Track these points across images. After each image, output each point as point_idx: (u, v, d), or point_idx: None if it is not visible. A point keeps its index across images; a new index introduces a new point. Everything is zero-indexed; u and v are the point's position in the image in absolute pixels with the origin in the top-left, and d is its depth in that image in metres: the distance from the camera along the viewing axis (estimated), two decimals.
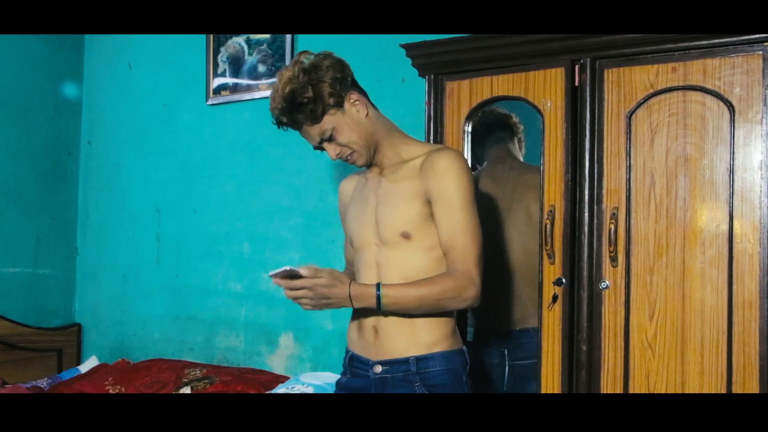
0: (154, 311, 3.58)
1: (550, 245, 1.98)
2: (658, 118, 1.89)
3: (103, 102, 3.82)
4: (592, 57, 1.95)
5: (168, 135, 3.57)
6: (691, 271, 1.85)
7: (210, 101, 3.42)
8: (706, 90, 1.83)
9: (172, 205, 3.55)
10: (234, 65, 3.36)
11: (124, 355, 3.55)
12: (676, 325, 1.86)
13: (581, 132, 1.96)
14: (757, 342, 1.76)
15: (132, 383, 3.00)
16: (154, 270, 3.60)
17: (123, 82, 3.75)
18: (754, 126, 1.78)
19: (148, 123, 3.65)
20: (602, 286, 1.93)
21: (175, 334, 3.52)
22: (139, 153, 3.67)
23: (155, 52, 3.62)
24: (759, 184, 1.78)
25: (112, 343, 3.70)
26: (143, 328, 3.61)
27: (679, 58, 1.86)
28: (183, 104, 3.53)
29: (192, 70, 3.48)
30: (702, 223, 1.84)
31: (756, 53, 1.77)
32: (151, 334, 3.59)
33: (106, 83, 3.82)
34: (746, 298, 1.78)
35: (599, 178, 1.95)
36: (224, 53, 3.39)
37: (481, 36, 2.09)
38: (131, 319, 3.66)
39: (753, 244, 1.78)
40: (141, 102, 3.68)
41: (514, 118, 2.37)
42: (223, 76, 3.40)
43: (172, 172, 3.53)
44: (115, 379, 3.06)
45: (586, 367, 1.94)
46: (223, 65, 3.39)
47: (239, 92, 3.33)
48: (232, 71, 3.36)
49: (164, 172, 3.56)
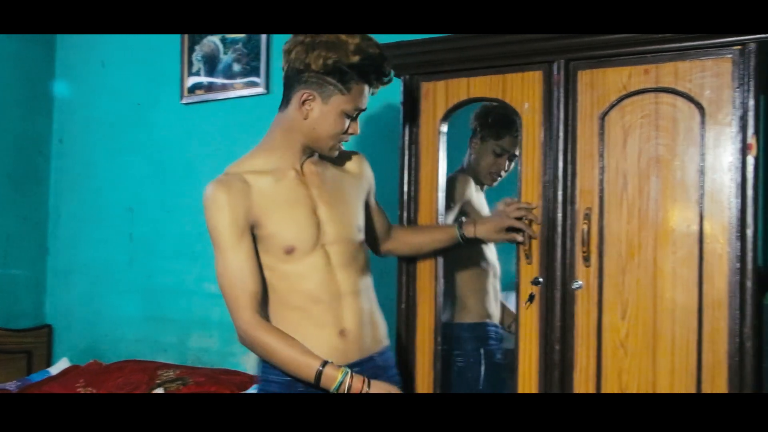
0: (126, 312, 3.55)
1: (528, 245, 2.00)
2: (631, 119, 1.91)
3: (76, 100, 3.78)
4: (566, 59, 1.96)
5: (142, 134, 3.54)
6: (663, 271, 1.87)
7: (184, 100, 3.40)
8: (678, 92, 1.85)
9: (145, 204, 3.52)
10: (209, 64, 3.34)
11: (95, 356, 3.50)
12: (647, 325, 1.88)
13: (555, 133, 1.98)
14: (726, 341, 1.79)
15: (104, 385, 2.96)
16: (126, 270, 3.57)
17: (96, 80, 3.71)
18: (723, 128, 1.81)
19: (122, 122, 3.61)
20: (575, 286, 1.95)
21: (148, 334, 3.49)
22: (112, 152, 3.63)
23: (129, 51, 3.59)
24: (728, 185, 1.80)
25: (83, 345, 3.66)
26: (116, 329, 3.58)
27: (651, 61, 1.88)
28: (157, 103, 3.50)
29: (166, 68, 3.46)
30: (673, 223, 1.86)
31: (726, 57, 1.80)
32: (124, 335, 3.55)
33: (79, 81, 3.78)
34: (716, 298, 1.80)
35: (573, 179, 1.96)
36: (199, 52, 3.37)
37: (457, 37, 2.10)
38: (103, 319, 3.62)
39: (722, 244, 1.80)
40: (114, 100, 3.64)
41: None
42: (197, 75, 3.38)
43: (146, 172, 3.50)
44: (86, 381, 3.03)
45: (560, 367, 1.95)
46: (198, 64, 3.37)
47: (214, 91, 3.31)
48: (207, 70, 3.34)
49: (138, 171, 3.53)
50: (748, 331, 1.76)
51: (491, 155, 2.37)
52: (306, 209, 1.76)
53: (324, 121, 1.73)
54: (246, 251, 1.68)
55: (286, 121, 1.76)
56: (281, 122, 1.78)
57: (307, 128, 1.74)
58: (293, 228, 1.73)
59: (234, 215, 1.67)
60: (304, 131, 1.75)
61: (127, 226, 3.58)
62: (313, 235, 1.75)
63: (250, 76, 3.22)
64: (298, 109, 1.72)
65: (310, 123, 1.73)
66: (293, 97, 1.73)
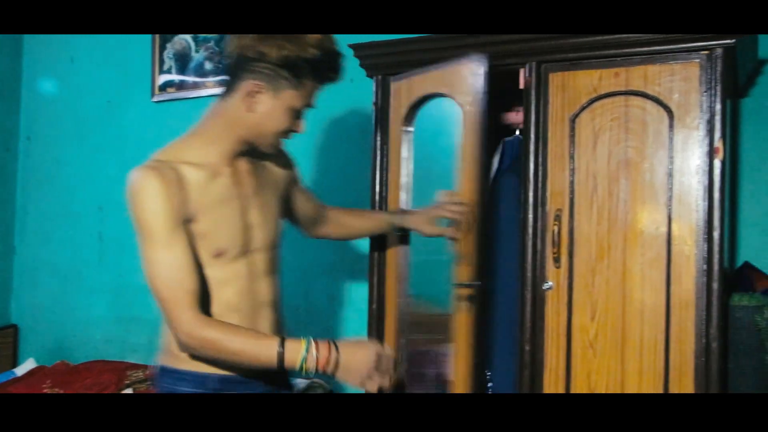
0: (95, 312, 3.51)
1: (460, 243, 1.98)
2: (601, 122, 1.92)
3: (44, 97, 3.72)
4: (538, 61, 1.98)
5: (112, 132, 3.50)
6: (632, 272, 1.89)
7: (155, 98, 3.37)
8: (647, 95, 1.87)
9: (115, 203, 3.46)
10: (180, 62, 3.31)
11: (63, 357, 3.45)
12: (616, 325, 1.90)
13: (526, 135, 1.99)
14: (693, 341, 1.81)
15: (71, 386, 2.93)
16: (96, 269, 3.53)
17: (65, 77, 3.66)
18: (691, 131, 1.83)
19: (91, 119, 3.57)
20: (546, 286, 1.96)
21: (118, 335, 3.45)
22: (81, 150, 3.59)
23: (99, 47, 3.55)
24: (696, 187, 1.82)
25: (50, 345, 3.61)
26: (84, 329, 3.54)
27: (621, 64, 1.90)
28: (128, 101, 3.47)
29: (137, 66, 3.42)
30: (642, 225, 1.88)
31: (694, 61, 1.82)
32: (93, 335, 3.51)
33: (47, 77, 3.72)
34: (683, 299, 1.82)
35: (543, 181, 1.97)
36: (170, 50, 3.34)
37: (430, 37, 2.10)
38: (71, 320, 3.57)
39: (690, 246, 1.82)
40: (84, 98, 3.60)
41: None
42: (169, 73, 3.35)
43: (116, 170, 3.43)
44: (53, 382, 2.99)
45: (530, 367, 1.97)
46: (169, 62, 3.34)
47: (186, 90, 3.29)
48: (179, 68, 3.32)
49: (108, 169, 3.49)
50: (714, 332, 1.78)
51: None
52: (238, 211, 1.60)
53: (272, 116, 1.56)
54: (182, 245, 1.48)
55: (226, 111, 1.58)
56: (220, 112, 1.59)
57: (252, 122, 1.57)
58: (225, 230, 1.57)
59: (169, 205, 1.47)
60: (247, 125, 1.57)
61: (96, 225, 3.53)
62: (243, 240, 1.60)
63: (222, 75, 3.20)
64: (243, 100, 1.54)
65: (255, 117, 1.56)
66: (239, 86, 1.54)
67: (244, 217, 1.61)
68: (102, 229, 3.52)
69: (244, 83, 1.53)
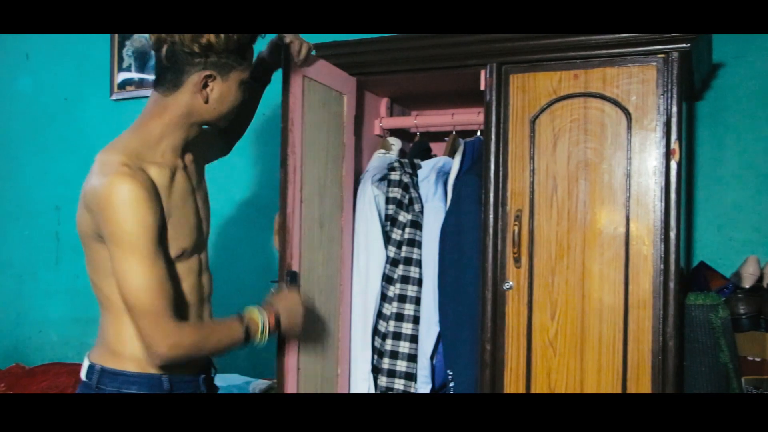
0: (52, 313, 3.45)
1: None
2: (561, 123, 1.94)
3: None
4: (498, 62, 1.99)
5: (69, 130, 3.44)
6: (591, 271, 1.91)
7: (114, 96, 3.32)
8: (606, 97, 1.90)
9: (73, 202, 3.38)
10: (140, 60, 3.27)
11: (18, 359, 3.39)
12: (575, 325, 1.92)
13: (487, 136, 2.00)
14: (650, 340, 1.84)
15: (27, 389, 2.87)
16: (53, 270, 3.47)
17: (20, 74, 3.59)
18: (648, 133, 1.86)
19: (48, 117, 3.51)
20: (506, 286, 1.97)
21: (75, 336, 3.40)
22: (37, 148, 3.52)
23: (55, 43, 3.49)
24: (653, 188, 1.85)
25: (5, 348, 3.54)
26: (40, 330, 3.47)
27: (580, 66, 1.92)
28: (86, 99, 3.41)
29: (95, 63, 3.37)
30: (601, 225, 1.90)
31: (650, 64, 1.85)
32: (49, 337, 3.45)
33: (1, 73, 3.64)
34: (641, 298, 1.85)
35: (504, 181, 1.99)
36: (129, 47, 3.29)
37: (391, 38, 2.10)
38: (27, 321, 3.51)
39: (647, 246, 1.85)
40: (40, 95, 3.53)
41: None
42: (128, 70, 3.30)
43: (74, 169, 3.39)
44: (7, 385, 2.93)
45: (490, 367, 1.98)
46: (129, 59, 3.29)
47: (145, 87, 3.24)
48: (138, 66, 3.27)
49: (65, 168, 3.43)
50: (670, 331, 1.81)
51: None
52: (194, 208, 1.62)
53: (227, 97, 1.58)
54: (162, 255, 1.47)
55: (176, 106, 1.54)
56: (169, 108, 1.55)
57: (208, 110, 1.57)
58: (187, 230, 1.57)
59: (152, 217, 1.43)
60: (203, 113, 1.57)
61: (53, 225, 3.47)
62: (198, 236, 1.62)
63: None
64: (198, 92, 1.54)
65: (211, 104, 1.56)
66: (184, 81, 1.52)
67: (197, 212, 1.63)
68: (59, 229, 3.46)
69: (192, 77, 1.52)
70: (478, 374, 2.00)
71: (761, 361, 2.05)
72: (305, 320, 1.77)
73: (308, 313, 1.81)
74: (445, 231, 2.17)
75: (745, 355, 2.08)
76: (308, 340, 2.01)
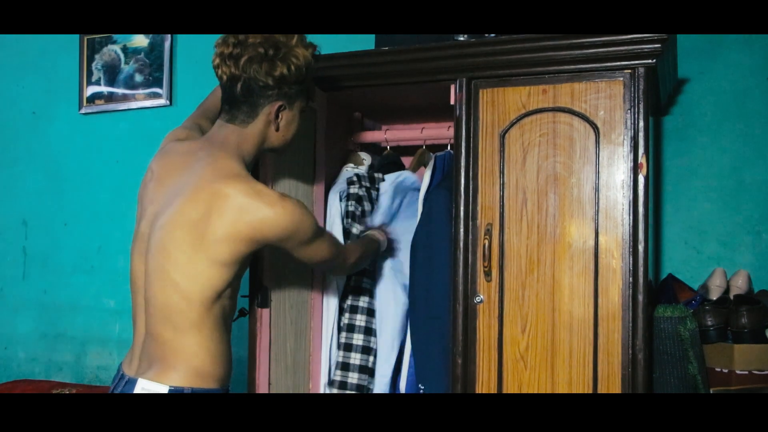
0: (19, 329, 3.39)
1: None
2: (530, 137, 1.96)
3: None
4: (468, 77, 2.00)
5: (37, 144, 3.40)
6: (561, 284, 1.92)
7: (83, 110, 3.28)
8: (574, 112, 1.92)
9: (40, 217, 3.38)
10: (109, 74, 3.24)
11: None
12: (546, 338, 1.92)
13: (457, 150, 2.01)
14: (620, 352, 1.85)
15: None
16: (19, 285, 3.42)
17: None
18: (616, 147, 1.88)
19: (15, 131, 3.46)
20: (477, 300, 1.98)
21: (43, 353, 3.35)
22: (3, 162, 3.47)
23: (22, 55, 3.45)
24: (621, 202, 1.87)
25: None
26: (6, 347, 3.41)
27: (549, 81, 1.94)
28: (54, 112, 3.37)
29: (64, 76, 3.34)
30: (570, 238, 1.92)
31: (617, 79, 1.88)
32: (15, 353, 3.39)
33: None
34: (610, 311, 1.86)
35: (474, 195, 2.00)
36: (99, 60, 3.26)
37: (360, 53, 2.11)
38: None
39: (617, 259, 1.87)
40: (6, 108, 3.49)
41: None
42: (97, 84, 3.27)
43: (42, 183, 3.36)
44: None
45: (462, 380, 1.98)
46: (98, 73, 3.26)
47: (115, 102, 3.22)
48: (108, 80, 3.24)
49: (32, 182, 3.38)
50: (639, 343, 1.83)
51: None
52: None
53: (292, 125, 1.73)
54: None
55: (254, 136, 1.66)
56: (248, 138, 1.66)
57: (278, 137, 1.71)
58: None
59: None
60: (273, 141, 1.71)
61: (20, 240, 3.42)
62: None
63: (152, 87, 3.14)
64: (272, 122, 1.67)
65: (281, 132, 1.70)
66: (260, 112, 1.64)
67: None
68: (26, 244, 3.41)
69: (266, 107, 1.64)
70: (450, 388, 1.99)
71: (728, 372, 2.07)
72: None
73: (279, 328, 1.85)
74: (416, 245, 2.17)
75: (713, 366, 2.10)
76: (279, 355, 2.00)
